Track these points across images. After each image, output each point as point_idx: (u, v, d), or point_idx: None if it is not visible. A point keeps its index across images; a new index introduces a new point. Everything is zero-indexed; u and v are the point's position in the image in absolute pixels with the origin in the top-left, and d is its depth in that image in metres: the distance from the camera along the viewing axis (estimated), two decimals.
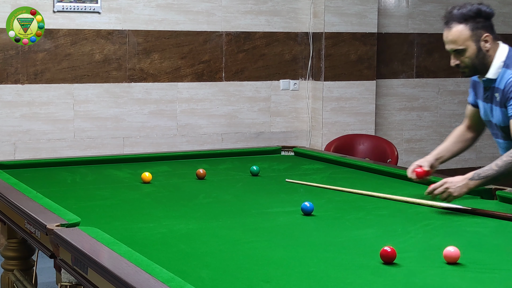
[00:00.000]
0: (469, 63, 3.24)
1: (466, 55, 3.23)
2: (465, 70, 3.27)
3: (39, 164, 4.26)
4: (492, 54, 3.26)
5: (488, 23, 3.25)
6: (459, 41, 3.22)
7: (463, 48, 3.22)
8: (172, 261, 2.42)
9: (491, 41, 3.25)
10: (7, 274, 3.78)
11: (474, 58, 3.23)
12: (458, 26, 3.21)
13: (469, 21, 3.21)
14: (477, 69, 3.26)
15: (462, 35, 3.21)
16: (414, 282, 2.24)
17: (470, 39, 3.22)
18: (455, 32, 3.21)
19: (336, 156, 4.50)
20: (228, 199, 3.50)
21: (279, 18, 6.37)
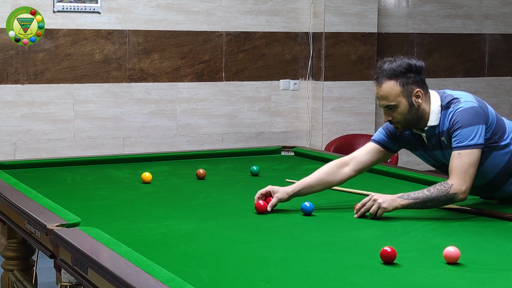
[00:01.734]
0: (401, 119, 3.15)
1: (398, 111, 3.13)
2: (398, 126, 3.18)
3: (39, 164, 4.26)
4: (426, 107, 3.16)
5: (419, 77, 3.17)
6: (390, 97, 3.13)
7: (395, 104, 3.13)
8: (172, 261, 2.42)
9: (423, 95, 3.15)
10: (7, 274, 3.78)
11: (406, 113, 3.13)
12: (389, 83, 3.13)
13: (400, 77, 3.13)
14: (411, 124, 3.17)
15: (393, 91, 3.12)
16: (414, 282, 2.24)
17: (401, 95, 3.13)
18: (386, 88, 3.13)
19: (336, 156, 4.49)
20: (228, 199, 3.50)
21: (279, 18, 6.37)
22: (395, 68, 3.13)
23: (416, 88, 3.14)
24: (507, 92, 7.30)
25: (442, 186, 3.03)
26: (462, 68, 7.10)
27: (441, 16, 6.96)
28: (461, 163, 3.03)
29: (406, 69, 3.14)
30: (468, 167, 3.03)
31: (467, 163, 3.03)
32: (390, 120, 3.17)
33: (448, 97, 3.17)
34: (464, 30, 7.05)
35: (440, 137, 3.17)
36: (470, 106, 3.10)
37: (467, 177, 3.02)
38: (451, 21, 7.00)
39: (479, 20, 7.10)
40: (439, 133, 3.16)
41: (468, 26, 7.06)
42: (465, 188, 3.02)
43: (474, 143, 3.05)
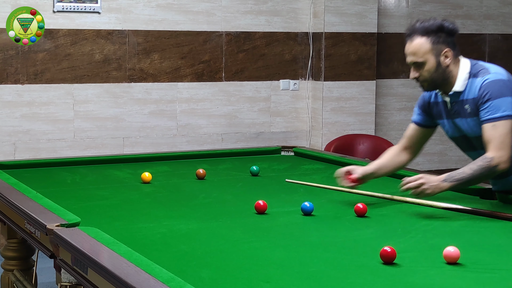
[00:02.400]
0: (427, 77, 3.20)
1: (425, 68, 3.19)
2: (424, 84, 3.24)
3: (39, 164, 4.26)
4: (453, 69, 3.21)
5: (450, 39, 3.21)
6: (419, 53, 3.20)
7: (423, 61, 3.19)
8: (172, 261, 2.42)
9: (452, 56, 3.20)
10: (7, 274, 3.78)
11: (433, 72, 3.19)
12: (420, 39, 3.20)
13: (431, 35, 3.19)
14: (436, 83, 3.23)
15: (422, 48, 3.19)
16: (414, 282, 2.24)
17: (430, 53, 3.19)
18: (416, 44, 3.21)
19: (336, 156, 4.50)
20: (228, 199, 3.50)
21: (279, 18, 6.37)
22: (427, 26, 3.19)
23: (446, 48, 3.18)
24: None
25: (483, 161, 3.07)
26: None
27: (441, 16, 6.96)
28: (497, 135, 3.05)
29: (438, 28, 3.18)
30: (504, 137, 3.05)
31: (504, 133, 3.05)
32: (416, 78, 3.22)
33: (478, 66, 3.20)
34: (464, 30, 7.05)
35: (464, 105, 3.19)
36: (499, 78, 3.12)
37: (505, 147, 3.05)
38: None
39: (479, 20, 7.11)
40: (464, 100, 3.19)
41: (468, 26, 7.06)
42: (506, 158, 3.05)
43: (507, 114, 3.07)
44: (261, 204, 3.13)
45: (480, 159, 3.09)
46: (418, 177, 3.12)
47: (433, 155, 7.03)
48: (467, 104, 3.19)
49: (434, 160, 7.03)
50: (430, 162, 7.01)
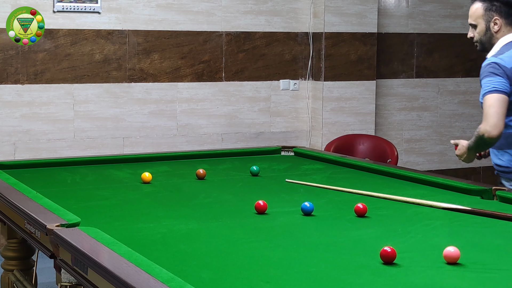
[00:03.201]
0: (478, 39, 3.64)
1: (477, 30, 3.63)
2: (476, 43, 3.67)
3: (39, 164, 4.26)
4: (500, 37, 3.59)
5: (505, 9, 3.58)
6: (473, 16, 3.64)
7: (475, 24, 3.63)
8: (172, 261, 2.42)
9: (501, 24, 3.58)
10: (7, 274, 3.78)
11: (482, 35, 3.62)
12: (477, 4, 3.63)
13: (486, 2, 3.59)
14: (484, 45, 3.64)
15: (476, 12, 3.63)
16: (414, 282, 2.24)
17: (482, 18, 3.61)
18: (473, 8, 3.64)
19: (336, 156, 4.50)
20: (228, 199, 3.50)
21: (279, 18, 6.37)
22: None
23: (496, 16, 3.59)
24: None
25: (476, 131, 3.48)
26: (462, 68, 7.10)
27: (441, 16, 6.96)
28: (484, 108, 3.46)
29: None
30: (487, 110, 3.43)
31: (486, 106, 3.44)
32: (472, 37, 3.67)
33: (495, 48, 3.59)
34: (464, 30, 7.05)
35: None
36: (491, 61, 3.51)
37: (488, 117, 3.41)
38: (451, 21, 7.00)
39: None
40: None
41: (468, 26, 7.06)
42: (489, 127, 3.40)
43: (487, 91, 3.45)
44: (261, 204, 3.13)
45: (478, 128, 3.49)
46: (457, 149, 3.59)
47: (433, 155, 7.03)
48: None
49: (434, 160, 7.03)
50: (430, 162, 7.01)
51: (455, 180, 3.68)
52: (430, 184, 3.70)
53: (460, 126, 7.12)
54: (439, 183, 3.66)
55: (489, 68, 3.49)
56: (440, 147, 7.05)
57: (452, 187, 3.59)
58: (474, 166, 7.20)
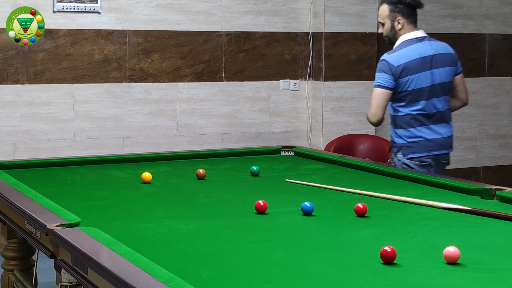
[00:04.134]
0: (386, 35, 4.37)
1: (384, 28, 4.35)
2: (385, 39, 4.40)
3: (39, 164, 4.26)
4: (402, 33, 4.31)
5: (407, 10, 4.29)
6: (381, 16, 4.34)
7: (383, 22, 4.34)
8: (172, 261, 2.42)
9: (404, 23, 4.28)
10: (7, 274, 3.78)
11: (389, 32, 4.34)
12: (384, 6, 4.33)
13: (391, 4, 4.30)
14: (391, 41, 4.36)
15: (383, 13, 4.33)
16: (414, 282, 2.24)
17: (388, 18, 4.31)
18: (381, 9, 4.34)
19: (336, 156, 4.50)
20: (228, 199, 3.50)
21: (279, 18, 6.37)
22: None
23: (399, 16, 4.28)
24: (507, 92, 7.30)
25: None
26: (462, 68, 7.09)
27: (441, 16, 6.96)
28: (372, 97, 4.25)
29: (398, 1, 4.27)
30: (371, 100, 4.26)
31: (371, 97, 4.26)
32: (382, 33, 4.39)
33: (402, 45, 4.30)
34: (464, 30, 7.05)
35: None
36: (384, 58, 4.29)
37: (370, 107, 4.24)
38: (451, 21, 7.00)
39: (479, 20, 7.11)
40: None
41: (468, 26, 7.07)
42: (370, 115, 4.24)
43: (375, 84, 4.25)
44: (261, 204, 3.13)
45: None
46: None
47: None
48: None
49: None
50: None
51: (455, 180, 3.68)
52: (430, 184, 3.71)
53: (460, 126, 7.12)
54: (439, 183, 3.66)
55: (380, 65, 4.28)
56: None
57: (452, 187, 3.59)
58: (474, 166, 7.21)
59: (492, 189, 3.42)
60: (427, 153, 4.31)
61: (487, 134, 7.25)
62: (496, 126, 7.28)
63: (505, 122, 7.31)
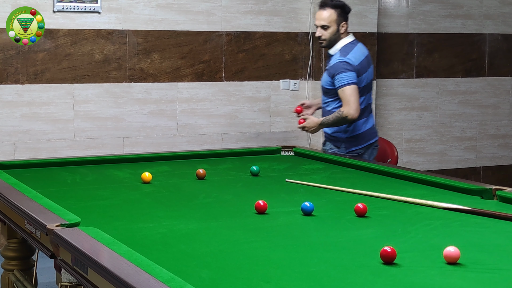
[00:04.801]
0: (327, 38, 4.63)
1: (328, 31, 4.62)
2: (323, 41, 4.66)
3: (39, 164, 4.26)
4: (343, 37, 4.65)
5: (347, 16, 4.66)
6: (327, 20, 4.61)
7: (329, 26, 4.61)
8: (172, 261, 2.42)
9: (346, 28, 4.65)
10: (7, 274, 3.78)
11: (332, 35, 4.63)
12: (330, 10, 4.61)
13: (338, 9, 4.62)
14: (331, 43, 4.65)
15: (331, 17, 4.61)
16: (414, 282, 2.24)
17: (335, 22, 4.61)
18: (327, 13, 4.61)
19: (336, 156, 4.50)
20: (228, 199, 3.50)
21: (279, 18, 6.37)
22: (336, 3, 4.64)
23: (344, 21, 4.64)
24: (507, 92, 7.30)
25: (339, 113, 4.55)
26: (462, 68, 7.11)
27: (441, 16, 6.96)
28: (344, 96, 4.54)
29: (342, 6, 4.65)
30: (349, 98, 4.52)
31: (348, 95, 4.53)
32: (320, 36, 4.65)
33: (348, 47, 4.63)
34: (464, 30, 7.05)
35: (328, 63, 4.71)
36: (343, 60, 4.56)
37: (351, 104, 4.51)
38: (451, 21, 7.00)
39: (479, 20, 7.11)
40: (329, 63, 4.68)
41: (468, 26, 7.07)
42: (352, 111, 4.51)
43: (346, 83, 4.53)
44: (261, 204, 3.13)
45: (338, 110, 4.56)
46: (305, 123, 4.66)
47: (433, 155, 7.03)
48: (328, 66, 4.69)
49: (434, 160, 7.03)
50: (430, 162, 7.01)
51: (455, 180, 3.68)
52: (430, 184, 3.71)
53: (460, 126, 7.12)
54: (439, 183, 3.66)
55: (343, 65, 4.56)
56: (440, 147, 7.05)
57: (452, 187, 3.59)
58: (474, 166, 7.21)
59: (492, 189, 3.42)
60: (366, 143, 4.75)
61: (487, 134, 7.25)
62: (496, 126, 7.28)
63: (505, 122, 7.31)
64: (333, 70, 4.58)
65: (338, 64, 4.57)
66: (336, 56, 4.61)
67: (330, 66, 4.64)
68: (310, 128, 4.66)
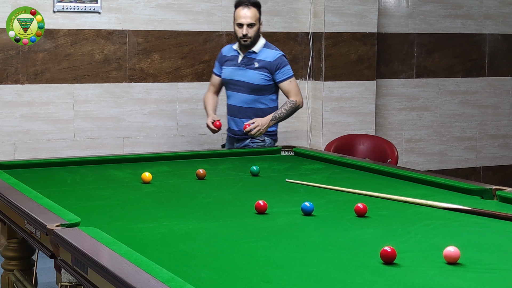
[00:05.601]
0: (253, 35, 4.85)
1: (254, 29, 4.86)
2: (249, 39, 4.85)
3: (39, 164, 4.26)
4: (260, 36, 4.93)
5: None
6: (254, 18, 4.85)
7: (254, 23, 4.85)
8: (172, 261, 2.42)
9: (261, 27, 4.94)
10: (7, 274, 3.78)
11: (256, 32, 4.88)
12: (254, 9, 4.86)
13: (259, 8, 4.90)
14: (254, 42, 4.88)
15: (256, 15, 4.86)
16: (414, 282, 2.24)
17: (258, 20, 4.88)
18: (252, 11, 4.85)
19: (336, 156, 4.50)
20: (228, 199, 3.50)
21: (279, 18, 6.37)
22: (256, 1, 4.90)
23: (261, 20, 4.94)
24: (507, 92, 7.30)
25: (291, 103, 4.91)
26: (462, 68, 7.11)
27: (441, 16, 6.96)
28: (293, 86, 4.92)
29: (260, 5, 4.91)
30: (297, 88, 4.95)
31: (295, 85, 4.94)
32: (245, 35, 4.82)
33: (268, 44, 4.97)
34: (464, 30, 7.05)
35: (254, 61, 4.90)
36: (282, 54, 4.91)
37: (300, 93, 4.97)
38: (451, 21, 7.00)
39: (479, 20, 7.11)
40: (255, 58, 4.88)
41: (468, 26, 7.07)
42: (302, 99, 4.97)
43: (292, 74, 4.94)
44: (261, 204, 3.13)
45: (288, 102, 4.91)
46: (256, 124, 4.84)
47: (433, 155, 7.03)
48: (257, 62, 4.89)
49: (434, 160, 7.03)
50: (430, 162, 7.01)
51: (455, 180, 3.68)
52: (430, 184, 3.71)
53: (460, 126, 7.12)
54: (439, 183, 3.67)
55: (285, 58, 4.90)
56: (440, 147, 7.05)
57: (452, 187, 3.59)
58: (474, 166, 7.21)
59: (492, 189, 3.42)
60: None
61: (487, 134, 7.25)
62: (496, 126, 7.28)
63: (505, 122, 7.31)
64: (276, 63, 4.86)
65: (282, 58, 4.89)
66: (271, 51, 4.90)
67: (268, 61, 4.87)
68: (263, 127, 4.86)
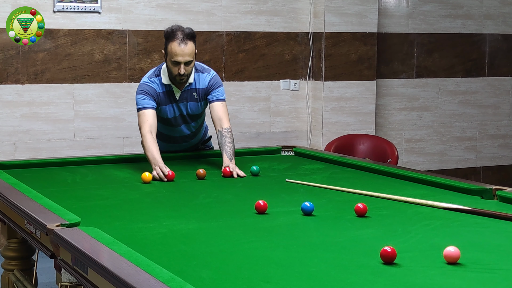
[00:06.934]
0: (190, 71, 4.17)
1: (191, 65, 4.14)
2: (185, 77, 4.15)
3: (39, 164, 4.26)
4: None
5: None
6: (191, 54, 4.11)
7: (192, 60, 4.13)
8: (172, 261, 2.42)
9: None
10: (7, 274, 3.78)
11: (193, 68, 4.19)
12: (191, 43, 4.10)
13: (194, 40, 4.14)
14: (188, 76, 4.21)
15: (193, 50, 4.11)
16: (414, 282, 2.24)
17: (195, 54, 4.14)
18: (190, 47, 4.09)
19: (336, 156, 4.50)
20: (228, 199, 3.50)
21: (279, 18, 6.37)
22: (192, 32, 4.12)
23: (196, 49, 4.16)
24: (507, 92, 7.30)
25: (229, 133, 4.21)
26: (462, 68, 7.11)
27: (441, 16, 6.96)
28: (225, 110, 4.30)
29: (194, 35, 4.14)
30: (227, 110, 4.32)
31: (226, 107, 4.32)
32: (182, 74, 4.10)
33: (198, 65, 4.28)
34: (464, 30, 7.05)
35: (192, 92, 4.28)
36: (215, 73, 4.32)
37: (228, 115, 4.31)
38: (451, 21, 7.00)
39: (479, 20, 7.11)
40: (192, 89, 4.27)
41: (468, 26, 7.07)
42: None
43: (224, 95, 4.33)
44: (261, 204, 3.13)
45: (225, 133, 4.19)
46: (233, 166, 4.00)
47: (433, 155, 7.03)
48: (195, 92, 4.28)
49: (434, 160, 7.03)
50: (430, 162, 7.01)
51: (455, 180, 3.68)
52: (430, 184, 3.71)
53: (460, 126, 7.12)
54: (439, 183, 3.67)
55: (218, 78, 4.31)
56: (440, 147, 7.05)
57: (452, 187, 3.59)
58: (474, 166, 7.21)
59: (492, 189, 3.42)
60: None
61: (487, 134, 7.25)
62: (496, 126, 7.28)
63: (505, 122, 7.31)
64: (211, 84, 4.28)
65: (215, 78, 4.31)
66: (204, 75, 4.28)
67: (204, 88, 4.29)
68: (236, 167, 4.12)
